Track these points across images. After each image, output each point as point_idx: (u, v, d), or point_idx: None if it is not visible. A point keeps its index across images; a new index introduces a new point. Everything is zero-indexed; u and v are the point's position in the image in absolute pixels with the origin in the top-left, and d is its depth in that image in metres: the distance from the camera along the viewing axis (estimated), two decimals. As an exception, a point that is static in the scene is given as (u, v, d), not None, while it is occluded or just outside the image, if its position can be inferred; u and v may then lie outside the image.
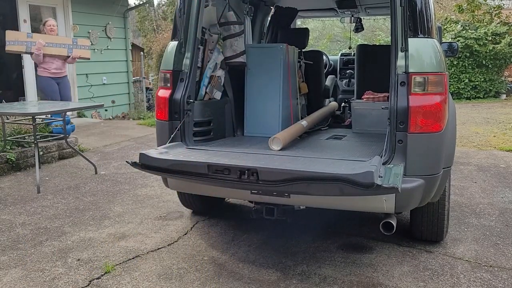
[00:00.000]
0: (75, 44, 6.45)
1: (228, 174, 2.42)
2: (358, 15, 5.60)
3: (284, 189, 2.39)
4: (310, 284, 2.71)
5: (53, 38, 6.40)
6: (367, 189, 2.17)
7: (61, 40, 6.58)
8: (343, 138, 3.75)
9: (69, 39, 6.85)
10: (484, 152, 6.34)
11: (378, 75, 3.86)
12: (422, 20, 2.67)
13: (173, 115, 3.07)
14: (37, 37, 6.23)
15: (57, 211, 4.00)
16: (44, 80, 6.39)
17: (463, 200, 4.24)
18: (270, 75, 3.78)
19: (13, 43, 6.04)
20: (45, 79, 6.38)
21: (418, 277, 2.79)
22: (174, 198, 4.20)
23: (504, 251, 3.15)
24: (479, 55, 13.08)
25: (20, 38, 6.11)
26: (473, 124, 8.76)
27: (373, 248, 3.21)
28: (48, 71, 6.34)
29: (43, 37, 6.28)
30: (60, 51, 6.35)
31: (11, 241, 3.35)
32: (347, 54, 6.83)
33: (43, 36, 6.31)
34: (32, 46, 6.10)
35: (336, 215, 3.80)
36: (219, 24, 3.66)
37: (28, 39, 6.11)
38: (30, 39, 6.12)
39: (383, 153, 2.63)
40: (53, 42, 6.28)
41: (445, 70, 2.70)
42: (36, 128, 4.94)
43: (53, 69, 6.37)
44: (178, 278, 2.80)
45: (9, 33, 6.12)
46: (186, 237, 3.42)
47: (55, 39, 6.42)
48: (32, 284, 2.72)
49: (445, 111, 2.62)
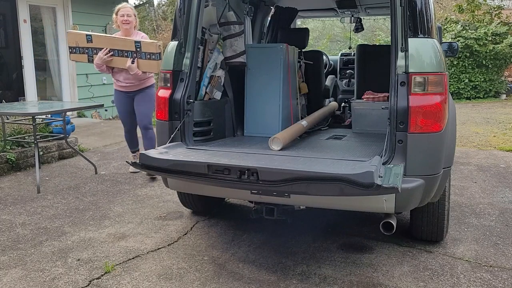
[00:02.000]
0: (139, 50, 4.52)
1: (228, 174, 2.42)
2: (358, 15, 5.60)
3: (284, 189, 2.39)
4: (310, 284, 2.71)
5: (116, 41, 4.66)
6: (367, 189, 2.17)
7: (125, 44, 4.59)
8: (343, 138, 3.75)
9: (132, 42, 4.56)
10: (484, 152, 6.34)
11: (378, 75, 3.86)
12: (422, 20, 2.67)
13: (173, 115, 3.07)
14: (98, 40, 4.73)
15: (57, 211, 4.00)
16: (115, 94, 5.05)
17: (463, 200, 4.24)
18: (270, 75, 3.78)
19: (75, 50, 4.88)
20: (115, 93, 5.04)
21: (418, 277, 2.79)
22: (174, 198, 4.20)
23: (504, 251, 3.15)
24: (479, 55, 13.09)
25: (80, 42, 4.82)
26: (473, 124, 8.76)
27: (373, 248, 3.21)
28: (116, 83, 4.93)
29: (104, 41, 4.72)
30: (123, 63, 4.61)
31: (11, 241, 3.34)
32: (347, 54, 6.82)
33: (104, 40, 4.74)
34: (94, 54, 4.74)
35: (336, 215, 3.80)
36: (219, 24, 3.66)
37: (89, 45, 4.78)
38: (90, 44, 4.76)
39: (383, 153, 2.63)
40: (116, 49, 4.62)
41: (445, 70, 2.70)
42: (36, 128, 4.94)
43: (122, 80, 4.84)
44: (178, 278, 2.80)
45: (70, 35, 4.95)
46: (186, 237, 3.42)
47: (118, 43, 4.63)
48: (32, 284, 2.72)
49: (445, 111, 2.62)
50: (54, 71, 9.33)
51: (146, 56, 4.50)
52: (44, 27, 9.06)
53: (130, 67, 4.55)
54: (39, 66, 8.96)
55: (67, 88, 9.30)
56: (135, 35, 4.82)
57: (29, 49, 8.35)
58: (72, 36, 4.92)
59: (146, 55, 4.50)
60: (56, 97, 9.33)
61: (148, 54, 4.48)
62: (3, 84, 9.56)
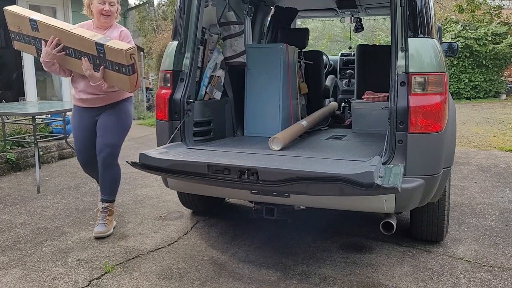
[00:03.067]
0: (102, 57, 3.05)
1: (228, 174, 2.42)
2: (358, 15, 5.60)
3: (284, 189, 2.39)
4: (310, 284, 2.71)
5: (70, 37, 3.11)
6: (367, 189, 2.17)
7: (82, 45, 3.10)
8: (343, 138, 3.75)
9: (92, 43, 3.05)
10: (484, 152, 6.34)
11: (378, 75, 3.86)
12: (422, 20, 2.67)
13: (173, 115, 3.07)
14: (46, 31, 3.17)
15: (57, 211, 4.00)
16: (73, 111, 3.55)
17: (463, 200, 4.24)
18: (270, 75, 3.78)
19: (19, 38, 3.38)
20: (73, 110, 3.54)
21: (418, 277, 2.79)
22: (174, 198, 4.20)
23: (504, 251, 3.15)
24: (479, 55, 13.10)
25: (23, 28, 3.31)
26: (473, 124, 8.77)
27: (373, 248, 3.21)
28: (75, 95, 3.45)
29: (55, 34, 3.14)
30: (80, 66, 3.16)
31: (11, 241, 3.34)
32: (347, 54, 6.83)
33: (55, 33, 3.14)
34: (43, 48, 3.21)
35: (336, 215, 3.80)
36: (219, 24, 3.66)
37: (34, 34, 3.25)
38: (36, 33, 3.24)
39: (383, 153, 2.63)
40: (71, 47, 3.15)
41: (445, 70, 2.70)
42: (36, 128, 4.94)
43: (82, 89, 3.36)
44: (178, 278, 2.80)
45: (8, 15, 3.37)
46: (186, 237, 3.42)
47: (73, 40, 3.11)
48: (32, 284, 2.72)
49: (445, 111, 2.62)
50: (54, 71, 9.32)
51: (113, 66, 3.04)
52: (44, 27, 9.06)
53: (92, 75, 3.08)
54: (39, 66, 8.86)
55: (67, 88, 9.28)
56: (113, 30, 3.37)
57: (29, 49, 8.34)
58: (11, 17, 3.35)
59: (113, 65, 3.03)
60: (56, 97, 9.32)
61: (116, 64, 3.02)
62: (3, 84, 9.56)
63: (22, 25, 3.29)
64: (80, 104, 3.42)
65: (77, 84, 3.37)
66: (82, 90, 3.33)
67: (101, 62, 3.07)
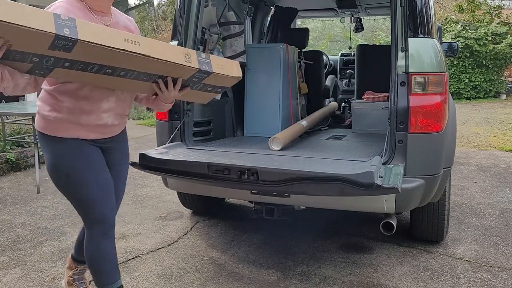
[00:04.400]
0: (198, 78, 2.01)
1: (228, 174, 2.42)
2: (358, 15, 5.60)
3: (284, 189, 2.39)
4: (310, 284, 2.71)
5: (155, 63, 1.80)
6: (367, 189, 2.17)
7: (177, 68, 1.89)
8: (343, 138, 3.75)
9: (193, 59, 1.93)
10: (484, 152, 6.34)
11: (378, 75, 3.85)
12: (422, 20, 2.67)
13: (173, 115, 3.07)
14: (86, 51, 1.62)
15: (57, 211, 4.00)
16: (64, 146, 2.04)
17: (463, 200, 4.23)
18: (270, 75, 3.78)
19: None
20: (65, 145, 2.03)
21: (418, 277, 2.78)
22: (174, 198, 4.20)
23: (504, 251, 3.14)
24: (479, 55, 13.09)
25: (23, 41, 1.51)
26: (473, 124, 8.76)
27: (373, 248, 3.21)
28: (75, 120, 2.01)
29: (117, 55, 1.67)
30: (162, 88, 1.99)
31: (11, 241, 3.34)
32: (347, 54, 6.83)
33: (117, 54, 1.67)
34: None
35: (336, 215, 3.80)
36: (219, 24, 3.66)
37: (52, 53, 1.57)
38: (59, 53, 1.57)
39: (383, 153, 2.63)
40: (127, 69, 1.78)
41: (445, 70, 2.70)
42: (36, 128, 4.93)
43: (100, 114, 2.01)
44: (178, 278, 2.80)
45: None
46: (186, 237, 3.42)
47: (163, 65, 1.83)
48: (32, 284, 2.72)
49: (445, 111, 2.62)
50: (54, 71, 9.31)
51: (205, 88, 2.14)
52: (44, 27, 9.04)
53: (168, 98, 2.03)
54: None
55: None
56: (117, 17, 2.09)
57: (29, 49, 8.32)
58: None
59: (206, 86, 2.13)
60: (56, 97, 9.31)
61: (211, 86, 2.15)
62: (3, 84, 9.54)
63: (23, 38, 1.50)
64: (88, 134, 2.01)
65: (90, 106, 1.95)
66: (106, 111, 2.00)
67: (187, 83, 2.04)
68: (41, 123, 2.10)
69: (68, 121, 1.97)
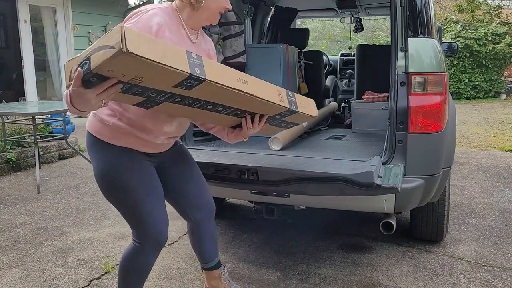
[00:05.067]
0: (287, 114, 2.01)
1: (228, 174, 2.42)
2: (358, 15, 5.61)
3: (284, 189, 2.39)
4: (310, 284, 2.71)
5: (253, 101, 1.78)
6: (367, 189, 2.17)
7: (269, 106, 1.87)
8: (343, 138, 3.76)
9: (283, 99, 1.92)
10: (484, 152, 6.34)
11: (378, 75, 3.85)
12: (422, 20, 2.67)
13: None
14: (205, 90, 1.58)
15: (57, 211, 4.00)
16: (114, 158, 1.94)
17: (463, 200, 4.24)
18: (270, 75, 3.77)
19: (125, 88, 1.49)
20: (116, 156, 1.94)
21: (418, 277, 2.79)
22: (174, 198, 4.19)
23: (504, 251, 3.15)
24: (479, 55, 13.10)
25: (152, 78, 1.43)
26: (473, 124, 8.77)
27: (373, 248, 3.21)
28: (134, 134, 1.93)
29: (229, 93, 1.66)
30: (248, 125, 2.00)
31: (11, 241, 3.35)
32: (347, 54, 6.83)
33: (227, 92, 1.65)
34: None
35: (336, 215, 3.81)
36: (219, 24, 3.66)
37: (174, 90, 1.54)
38: (179, 90, 1.54)
39: (383, 153, 2.63)
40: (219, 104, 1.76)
41: (445, 70, 2.70)
42: (36, 128, 4.94)
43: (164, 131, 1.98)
44: (178, 278, 2.80)
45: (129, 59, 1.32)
46: (186, 237, 3.42)
47: (262, 104, 1.83)
48: (32, 284, 2.72)
49: (445, 111, 2.62)
50: (54, 71, 9.34)
51: (281, 124, 2.16)
52: (44, 27, 9.06)
53: (247, 132, 2.04)
54: (39, 66, 8.97)
55: (67, 88, 9.29)
56: (204, 39, 2.14)
57: (29, 49, 8.35)
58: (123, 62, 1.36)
59: (283, 122, 2.14)
60: (56, 97, 9.33)
61: (289, 123, 2.18)
62: (3, 84, 9.56)
63: (157, 75, 1.44)
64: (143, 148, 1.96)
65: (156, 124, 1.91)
66: (165, 134, 1.99)
67: (268, 119, 2.02)
68: (96, 126, 1.95)
69: (126, 132, 1.88)
